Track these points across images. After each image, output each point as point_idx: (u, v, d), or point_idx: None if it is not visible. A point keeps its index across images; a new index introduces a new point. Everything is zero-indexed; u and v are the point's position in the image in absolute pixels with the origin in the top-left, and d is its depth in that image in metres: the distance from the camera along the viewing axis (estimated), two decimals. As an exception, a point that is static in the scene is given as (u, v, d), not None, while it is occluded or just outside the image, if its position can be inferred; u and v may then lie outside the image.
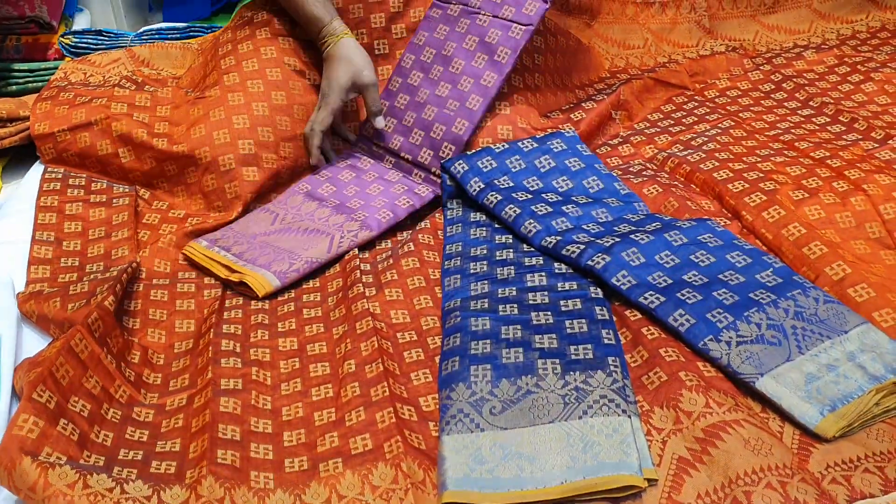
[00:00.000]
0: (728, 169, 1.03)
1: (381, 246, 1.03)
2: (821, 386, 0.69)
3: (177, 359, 0.85)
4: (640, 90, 1.26)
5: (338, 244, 0.98)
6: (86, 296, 0.86)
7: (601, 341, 0.78)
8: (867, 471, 0.64)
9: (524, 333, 0.80)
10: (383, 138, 1.15)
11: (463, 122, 1.10)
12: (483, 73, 1.11)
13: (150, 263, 0.98)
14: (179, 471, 0.69)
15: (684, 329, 0.76)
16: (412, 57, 1.16)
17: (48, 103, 1.14)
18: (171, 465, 0.70)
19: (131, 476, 0.67)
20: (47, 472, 0.62)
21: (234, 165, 1.06)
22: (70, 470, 0.63)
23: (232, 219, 1.05)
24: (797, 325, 0.75)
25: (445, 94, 1.12)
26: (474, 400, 0.73)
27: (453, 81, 1.12)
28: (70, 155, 1.11)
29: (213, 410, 0.73)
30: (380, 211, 1.04)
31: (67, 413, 0.69)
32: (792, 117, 1.18)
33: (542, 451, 0.68)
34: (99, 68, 1.27)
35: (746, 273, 0.83)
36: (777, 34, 1.41)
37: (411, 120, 1.13)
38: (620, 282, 0.84)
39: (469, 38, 1.13)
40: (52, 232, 1.01)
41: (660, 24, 1.41)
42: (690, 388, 0.71)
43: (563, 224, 0.95)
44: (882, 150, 1.03)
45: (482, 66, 1.11)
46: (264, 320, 0.89)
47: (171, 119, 1.12)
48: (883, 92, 1.20)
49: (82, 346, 0.75)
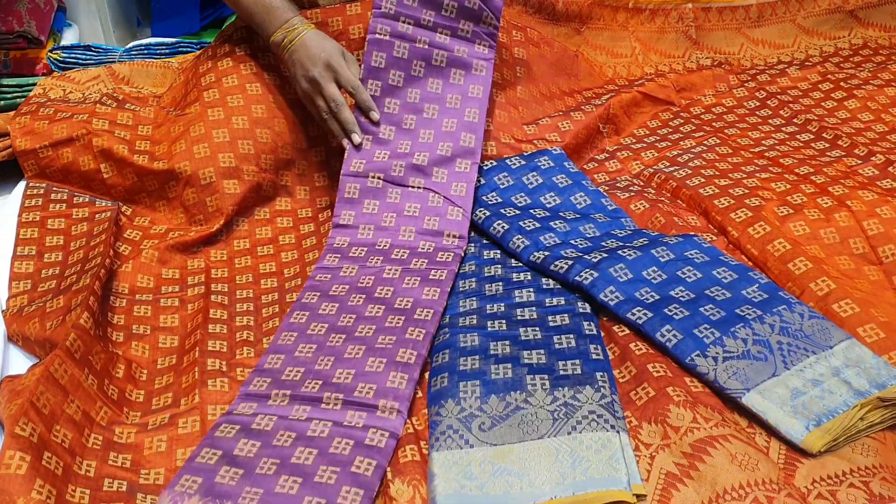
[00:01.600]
0: (714, 185, 1.04)
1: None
2: (806, 401, 0.69)
3: (160, 375, 0.85)
4: (629, 104, 1.27)
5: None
6: (62, 312, 0.85)
7: (589, 357, 0.78)
8: (853, 486, 0.64)
9: (513, 349, 0.80)
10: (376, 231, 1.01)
11: (458, 211, 1.00)
12: (459, 134, 1.04)
13: (133, 279, 0.97)
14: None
15: (671, 345, 0.77)
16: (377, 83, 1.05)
17: (27, 118, 1.13)
18: (155, 500, 0.69)
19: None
20: None
21: (214, 178, 1.05)
22: None
23: (214, 231, 1.04)
24: (783, 341, 0.75)
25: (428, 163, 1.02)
26: (464, 416, 0.73)
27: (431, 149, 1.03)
28: (53, 170, 1.10)
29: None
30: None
31: (51, 445, 0.68)
32: (776, 134, 1.19)
33: (531, 466, 0.68)
34: (78, 85, 1.26)
35: (733, 289, 0.83)
36: (762, 48, 1.43)
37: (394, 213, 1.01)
38: (608, 297, 0.84)
39: (432, 81, 1.07)
40: (33, 246, 1.00)
41: (648, 32, 1.42)
42: (678, 404, 0.71)
43: (551, 239, 0.95)
44: (865, 166, 1.05)
45: (454, 128, 1.05)
46: (249, 337, 0.89)
47: (152, 138, 1.12)
48: (866, 109, 1.22)
49: (62, 370, 0.74)
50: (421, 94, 1.06)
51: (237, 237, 1.06)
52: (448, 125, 1.05)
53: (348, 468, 0.69)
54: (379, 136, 1.04)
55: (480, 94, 1.06)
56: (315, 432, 0.73)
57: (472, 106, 1.06)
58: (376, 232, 1.01)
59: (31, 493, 0.62)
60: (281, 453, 0.71)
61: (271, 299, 0.97)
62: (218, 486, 0.67)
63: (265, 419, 0.75)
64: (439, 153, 1.03)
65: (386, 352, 0.81)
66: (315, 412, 0.76)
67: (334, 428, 0.74)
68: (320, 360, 0.82)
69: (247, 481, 0.68)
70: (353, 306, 0.89)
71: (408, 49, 1.05)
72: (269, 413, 0.76)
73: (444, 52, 1.06)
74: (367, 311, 0.88)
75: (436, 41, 1.06)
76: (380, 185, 1.02)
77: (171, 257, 1.01)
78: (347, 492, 0.67)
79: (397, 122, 1.04)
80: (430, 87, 1.06)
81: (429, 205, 1.01)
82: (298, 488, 0.67)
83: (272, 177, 1.10)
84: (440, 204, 1.01)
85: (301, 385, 0.79)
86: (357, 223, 1.01)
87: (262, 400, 0.78)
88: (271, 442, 0.72)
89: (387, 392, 0.77)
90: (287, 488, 0.67)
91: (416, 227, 1.00)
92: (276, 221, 1.09)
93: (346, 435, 0.73)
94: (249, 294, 0.97)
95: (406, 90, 1.05)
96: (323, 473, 0.69)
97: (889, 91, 1.24)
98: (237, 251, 1.04)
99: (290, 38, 1.04)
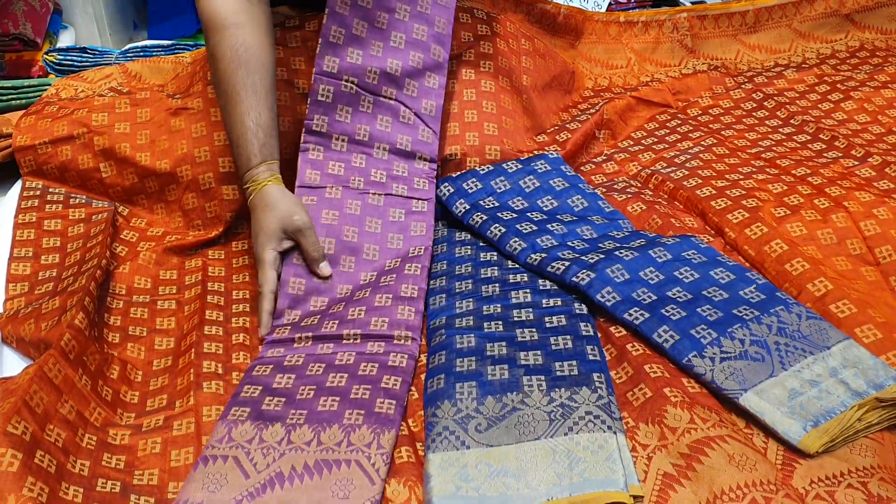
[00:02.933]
0: (711, 186, 1.04)
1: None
2: (804, 402, 0.69)
3: (155, 377, 0.84)
4: (624, 109, 1.27)
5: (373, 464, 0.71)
6: (57, 313, 0.85)
7: (586, 357, 0.78)
8: (850, 486, 0.64)
9: (509, 350, 0.80)
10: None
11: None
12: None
13: (130, 280, 0.97)
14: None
15: (669, 345, 0.77)
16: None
17: (33, 118, 1.13)
18: (149, 501, 0.69)
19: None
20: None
21: (213, 184, 1.05)
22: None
23: (211, 236, 1.04)
24: (780, 341, 0.75)
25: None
26: (460, 417, 0.73)
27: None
28: (50, 168, 1.10)
29: (196, 452, 0.73)
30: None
31: (43, 444, 0.68)
32: (773, 135, 1.19)
33: (527, 468, 0.67)
34: (91, 84, 1.26)
35: (730, 289, 0.83)
36: (758, 53, 1.43)
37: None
38: (605, 298, 0.84)
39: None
40: (30, 248, 1.00)
41: (643, 44, 1.42)
42: (675, 404, 0.71)
43: (547, 241, 0.95)
44: (862, 167, 1.05)
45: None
46: (245, 340, 0.89)
47: (151, 124, 1.11)
48: (862, 110, 1.22)
49: (56, 370, 0.74)
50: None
51: (236, 238, 1.06)
52: (418, 32, 1.05)
53: (378, 385, 0.78)
54: (352, 31, 1.03)
55: (448, 1, 1.07)
56: (342, 361, 0.83)
57: (441, 15, 1.06)
58: (350, 146, 1.01)
59: (22, 490, 0.62)
60: (316, 381, 0.80)
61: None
62: (265, 412, 0.76)
63: (294, 357, 0.84)
64: (411, 64, 1.04)
65: (390, 288, 0.90)
66: (338, 347, 0.85)
67: (358, 356, 0.83)
68: (333, 306, 0.90)
69: (290, 406, 0.77)
70: (347, 242, 0.96)
71: None
72: (297, 353, 0.85)
73: None
74: (364, 252, 0.96)
75: None
76: (353, 90, 1.02)
77: (168, 259, 1.01)
78: (382, 402, 0.76)
79: (371, 20, 1.04)
80: None
81: (400, 120, 1.03)
82: (338, 405, 0.76)
83: None
84: (412, 121, 1.04)
85: (320, 327, 0.87)
86: (330, 132, 1.01)
87: (288, 343, 0.87)
88: (305, 373, 0.81)
89: (399, 323, 0.87)
90: (328, 406, 0.76)
91: (389, 146, 1.03)
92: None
93: (371, 360, 0.82)
94: (246, 295, 0.96)
95: None
96: (357, 391, 0.78)
97: (885, 93, 1.24)
98: (235, 252, 1.04)
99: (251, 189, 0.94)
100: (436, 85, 1.05)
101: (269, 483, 0.68)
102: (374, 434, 0.72)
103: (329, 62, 1.02)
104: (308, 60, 1.13)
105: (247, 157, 0.93)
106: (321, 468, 0.69)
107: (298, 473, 0.69)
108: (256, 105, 0.93)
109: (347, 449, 0.71)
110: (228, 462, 0.70)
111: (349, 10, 1.02)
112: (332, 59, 1.02)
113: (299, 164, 1.00)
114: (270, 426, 0.74)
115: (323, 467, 0.69)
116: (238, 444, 0.72)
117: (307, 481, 0.68)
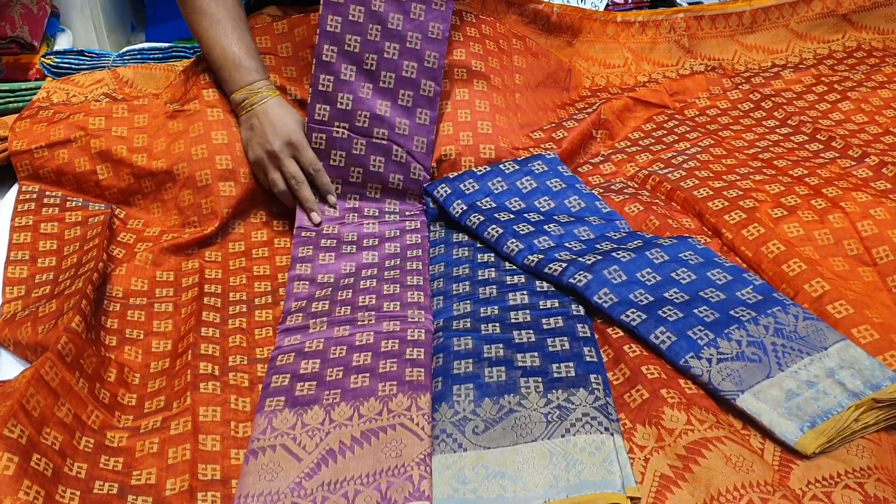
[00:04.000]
0: (708, 187, 1.04)
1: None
2: (801, 402, 0.69)
3: (152, 379, 0.84)
4: (621, 110, 1.26)
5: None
6: (54, 315, 0.85)
7: (583, 359, 0.78)
8: (847, 487, 0.64)
9: (506, 352, 0.80)
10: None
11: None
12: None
13: (127, 282, 0.96)
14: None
15: (665, 346, 0.77)
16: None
17: (27, 122, 1.13)
18: (147, 500, 0.69)
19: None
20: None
21: (210, 181, 1.05)
22: None
23: (208, 233, 1.04)
24: (777, 342, 0.75)
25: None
26: (457, 420, 0.73)
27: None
28: (46, 172, 1.10)
29: (193, 449, 0.73)
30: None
31: (40, 447, 0.67)
32: (771, 136, 1.19)
33: (524, 469, 0.67)
34: (82, 88, 1.26)
35: (727, 290, 0.83)
36: (756, 53, 1.43)
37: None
38: (602, 299, 0.84)
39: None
40: (26, 251, 1.00)
41: (640, 44, 1.42)
42: (672, 406, 0.71)
43: (545, 242, 0.95)
44: (859, 167, 1.05)
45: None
46: (242, 343, 0.89)
47: (148, 129, 1.11)
48: (859, 111, 1.22)
49: (52, 373, 0.73)
50: (381, 30, 1.05)
51: (232, 239, 1.06)
52: (408, 70, 1.05)
53: (403, 357, 0.80)
54: (340, 76, 1.04)
55: (440, 34, 1.06)
56: (362, 342, 0.84)
57: (431, 48, 1.06)
58: (344, 188, 1.07)
59: (18, 493, 0.62)
60: (341, 362, 0.81)
61: (264, 302, 0.96)
62: (300, 397, 0.77)
63: (314, 342, 0.85)
64: (401, 103, 1.05)
65: (396, 280, 0.93)
66: (354, 329, 0.86)
67: (377, 336, 0.84)
68: (339, 294, 0.92)
69: (323, 388, 0.78)
70: (350, 256, 1.00)
71: None
72: (314, 338, 0.86)
73: None
74: (363, 272, 0.97)
75: None
76: (345, 135, 1.05)
77: (165, 259, 1.00)
78: (411, 371, 0.78)
79: (359, 63, 1.05)
80: (391, 22, 1.05)
81: (392, 159, 1.06)
82: (370, 380, 0.78)
83: None
84: (404, 160, 1.06)
85: (332, 313, 0.89)
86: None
87: (303, 330, 0.87)
88: (328, 357, 0.82)
89: (410, 305, 0.89)
90: (360, 383, 0.78)
91: (381, 185, 1.07)
92: (272, 224, 1.09)
93: (390, 337, 0.84)
94: (242, 297, 0.96)
95: (367, 25, 1.05)
96: (384, 365, 0.79)
97: (883, 93, 1.24)
98: (232, 253, 1.04)
99: (251, 101, 1.05)
100: (426, 121, 1.06)
101: (321, 461, 0.70)
102: (411, 399, 0.74)
103: (320, 111, 1.04)
104: (299, 70, 1.15)
105: (243, 74, 1.05)
106: (368, 437, 0.72)
107: (348, 446, 0.71)
108: (246, 33, 1.07)
109: (389, 416, 0.73)
110: (278, 451, 0.72)
111: (337, 57, 1.04)
112: (323, 108, 1.04)
113: (297, 210, 1.06)
114: (309, 410, 0.76)
115: (370, 436, 0.72)
116: (282, 432, 0.74)
117: (358, 451, 0.71)
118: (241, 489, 0.69)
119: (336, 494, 0.67)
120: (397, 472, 0.68)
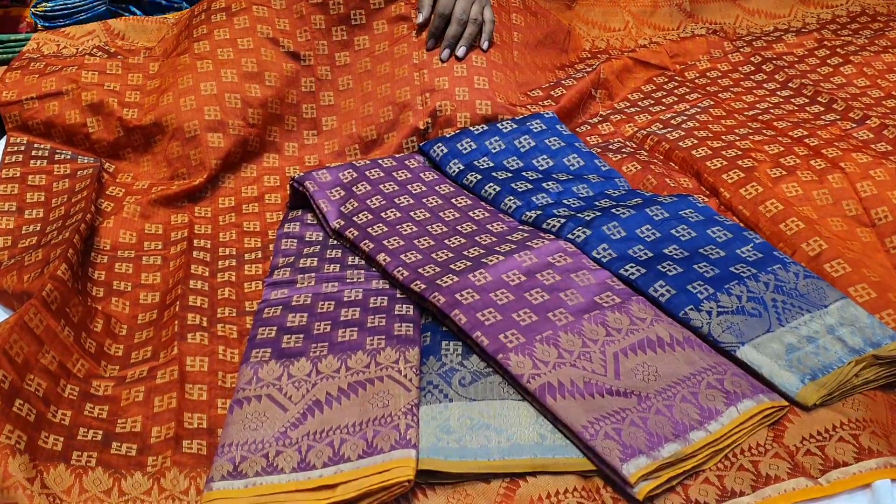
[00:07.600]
0: (706, 147, 1.02)
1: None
2: (801, 356, 0.69)
3: (140, 330, 0.83)
4: (621, 70, 1.25)
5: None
6: (40, 265, 0.83)
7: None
8: (842, 439, 0.64)
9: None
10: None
11: None
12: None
13: (116, 234, 0.95)
14: (141, 455, 0.68)
15: (665, 299, 0.76)
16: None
17: (17, 73, 1.12)
18: (131, 448, 0.68)
19: (90, 462, 0.66)
20: (8, 461, 0.60)
21: (198, 132, 1.04)
22: (29, 462, 0.61)
23: (197, 185, 1.02)
24: (777, 299, 0.74)
25: None
26: (444, 371, 0.72)
27: None
28: (36, 123, 1.08)
29: (179, 398, 0.72)
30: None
31: (23, 393, 0.67)
32: (771, 98, 1.17)
33: (511, 423, 0.67)
34: (73, 40, 1.24)
35: (727, 248, 0.82)
36: (758, 18, 1.41)
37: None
38: (601, 255, 0.83)
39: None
40: (13, 202, 0.98)
41: (641, 7, 1.40)
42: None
43: (543, 199, 0.94)
44: (860, 129, 1.03)
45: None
46: (231, 295, 0.87)
47: (141, 87, 1.10)
48: (862, 74, 1.20)
49: (37, 320, 0.72)
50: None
51: (222, 194, 1.05)
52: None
53: (392, 313, 0.79)
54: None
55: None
56: (350, 298, 0.83)
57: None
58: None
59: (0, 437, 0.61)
60: (329, 316, 0.80)
61: (254, 257, 0.95)
62: (287, 349, 0.76)
63: (301, 297, 0.84)
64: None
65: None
66: (342, 286, 0.85)
67: (365, 292, 0.83)
68: (328, 252, 0.91)
69: (310, 340, 0.77)
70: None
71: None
72: (301, 293, 0.84)
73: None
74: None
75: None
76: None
77: (154, 212, 0.99)
78: (399, 326, 0.77)
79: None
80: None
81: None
82: (357, 334, 0.77)
83: (260, 132, 1.08)
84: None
85: (321, 269, 0.88)
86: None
87: (290, 285, 0.86)
88: (316, 311, 0.81)
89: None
90: (348, 336, 0.77)
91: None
92: (262, 180, 1.07)
93: (378, 294, 0.83)
94: (232, 252, 0.95)
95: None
96: (373, 320, 0.78)
97: (886, 57, 1.22)
98: (222, 209, 1.03)
99: None
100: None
101: (308, 411, 0.69)
102: (399, 352, 0.74)
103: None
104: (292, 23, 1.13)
105: None
106: (356, 388, 0.71)
107: (335, 397, 0.70)
108: None
109: (376, 368, 0.73)
110: (263, 401, 0.71)
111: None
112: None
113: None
114: (296, 361, 0.75)
115: (357, 387, 0.71)
116: (267, 382, 0.73)
117: (345, 402, 0.70)
118: (224, 438, 0.68)
119: (321, 443, 0.66)
120: (384, 421, 0.67)
